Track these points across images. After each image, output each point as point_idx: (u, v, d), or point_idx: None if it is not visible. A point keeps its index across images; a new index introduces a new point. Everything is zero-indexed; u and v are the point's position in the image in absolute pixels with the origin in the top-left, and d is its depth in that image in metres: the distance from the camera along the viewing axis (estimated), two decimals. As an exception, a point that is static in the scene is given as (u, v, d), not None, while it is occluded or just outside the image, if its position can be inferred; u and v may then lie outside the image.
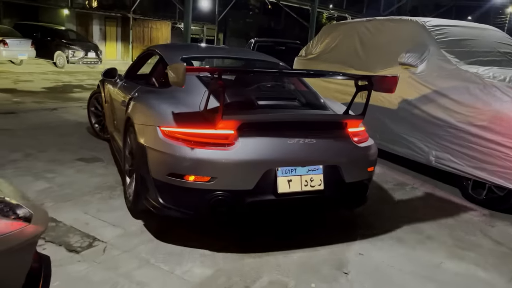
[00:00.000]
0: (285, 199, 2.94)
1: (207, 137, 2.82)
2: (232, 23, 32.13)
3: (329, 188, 3.05)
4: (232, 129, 2.82)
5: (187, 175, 2.78)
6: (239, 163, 2.79)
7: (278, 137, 2.92)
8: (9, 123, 6.32)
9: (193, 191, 2.81)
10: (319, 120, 3.25)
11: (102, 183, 4.12)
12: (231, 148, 2.80)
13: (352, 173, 3.15)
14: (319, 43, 7.12)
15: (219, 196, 2.79)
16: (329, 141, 3.13)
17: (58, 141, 5.46)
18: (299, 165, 2.95)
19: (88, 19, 21.14)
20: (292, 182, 2.93)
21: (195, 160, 2.75)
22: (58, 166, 4.50)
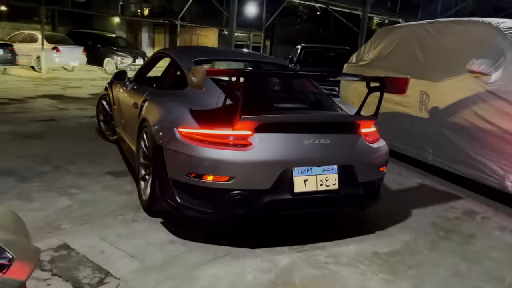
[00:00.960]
0: (301, 198, 2.99)
1: (225, 138, 2.87)
2: (280, 29, 31.74)
3: (343, 187, 3.09)
4: (250, 130, 2.86)
5: (205, 175, 2.83)
6: (257, 163, 2.84)
7: (294, 137, 2.98)
8: (46, 131, 6.17)
9: (211, 190, 2.87)
10: (334, 121, 3.34)
11: (127, 201, 3.74)
12: (248, 149, 2.85)
13: (365, 173, 3.20)
14: (372, 49, 6.50)
15: (238, 196, 2.84)
16: (344, 141, 3.19)
17: (91, 152, 5.20)
18: (315, 165, 3.01)
19: (137, 26, 21.51)
20: (308, 182, 2.97)
21: (213, 160, 2.80)
22: (85, 180, 4.19)
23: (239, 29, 23.74)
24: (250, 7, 23.44)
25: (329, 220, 3.70)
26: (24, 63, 15.90)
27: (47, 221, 3.24)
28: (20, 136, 5.76)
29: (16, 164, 4.52)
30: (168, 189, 3.03)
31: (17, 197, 3.67)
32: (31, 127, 6.34)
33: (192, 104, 3.20)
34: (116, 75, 4.98)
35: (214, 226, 3.37)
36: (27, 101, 9.30)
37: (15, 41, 16.23)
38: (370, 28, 23.22)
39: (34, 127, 6.41)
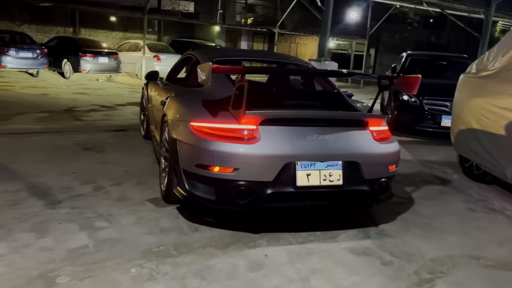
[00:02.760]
0: (304, 192, 3.12)
1: (231, 132, 3.05)
2: (386, 38, 29.62)
3: (348, 183, 3.19)
4: (255, 125, 3.04)
5: (212, 166, 3.01)
6: (260, 156, 2.99)
7: (298, 133, 3.12)
8: (110, 143, 5.75)
9: (217, 181, 3.05)
10: (339, 118, 3.39)
11: (156, 245, 2.95)
12: (253, 142, 3.01)
13: (372, 170, 3.27)
14: (499, 56, 4.99)
15: (241, 186, 3.01)
16: (349, 138, 3.27)
17: (144, 169, 4.57)
18: (318, 160, 3.12)
19: (237, 35, 21.45)
20: (311, 176, 3.09)
21: (219, 153, 2.99)
22: (120, 209, 3.52)
23: (340, 36, 22.49)
24: (353, 13, 22.03)
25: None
26: (129, 71, 16.57)
27: (46, 269, 2.56)
28: (81, 147, 5.39)
29: (57, 183, 4.03)
30: (180, 179, 3.25)
31: (33, 227, 3.09)
32: (97, 138, 5.99)
33: (206, 101, 3.42)
34: (148, 75, 5.08)
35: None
36: (116, 108, 9.27)
37: (122, 50, 17.02)
38: (492, 35, 20.35)
39: (101, 137, 6.06)
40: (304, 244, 3.16)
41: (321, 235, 3.32)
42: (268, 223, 3.45)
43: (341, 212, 3.81)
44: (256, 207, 3.12)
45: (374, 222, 3.67)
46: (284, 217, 3.57)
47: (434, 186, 4.92)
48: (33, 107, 8.45)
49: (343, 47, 25.53)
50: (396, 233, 3.48)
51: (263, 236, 3.23)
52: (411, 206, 4.19)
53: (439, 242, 3.40)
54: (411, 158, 6.23)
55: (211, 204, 3.17)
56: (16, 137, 5.67)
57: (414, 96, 7.68)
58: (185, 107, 3.56)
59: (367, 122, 3.35)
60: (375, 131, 3.36)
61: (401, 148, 3.67)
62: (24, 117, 7.47)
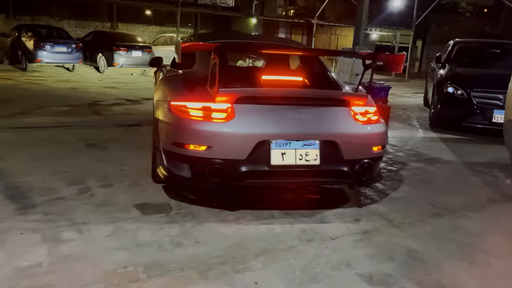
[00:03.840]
0: (279, 171, 3.11)
1: (205, 110, 3.07)
2: (434, 28, 27.88)
3: (326, 163, 3.15)
4: (229, 103, 3.04)
5: (187, 144, 3.05)
6: (232, 135, 3.02)
7: (273, 111, 3.12)
8: (117, 139, 5.33)
9: (192, 159, 3.08)
10: (317, 96, 3.34)
11: (124, 265, 2.44)
12: (226, 120, 3.03)
13: (352, 151, 3.21)
14: None
15: (215, 164, 3.02)
16: (328, 117, 3.22)
17: (143, 170, 4.07)
18: (294, 139, 3.09)
19: (274, 27, 20.82)
20: (286, 155, 3.07)
21: (193, 131, 3.04)
22: (99, 216, 3.05)
23: (383, 27, 21.33)
24: (396, 1, 20.71)
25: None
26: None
27: (-21, 294, 2.11)
28: (84, 143, 5.00)
29: (41, 183, 3.62)
30: (161, 158, 3.29)
31: (-9, 237, 2.67)
32: (106, 133, 5.60)
33: (191, 82, 3.46)
34: (151, 61, 4.94)
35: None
36: (140, 102, 8.94)
37: (157, 44, 16.81)
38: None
39: (110, 133, 5.67)
40: (308, 268, 2.55)
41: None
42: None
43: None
44: (230, 185, 3.11)
45: (401, 240, 2.99)
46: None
47: (482, 194, 4.13)
48: (57, 101, 8.26)
49: (387, 38, 24.23)
50: (427, 255, 2.78)
51: (258, 255, 2.64)
52: (451, 219, 3.45)
53: (484, 270, 2.67)
54: (455, 159, 5.40)
55: (188, 182, 3.20)
56: (20, 132, 5.38)
57: (461, 88, 6.78)
58: (168, 88, 3.64)
59: (348, 101, 3.27)
60: (356, 111, 3.28)
61: (444, 148, 3.08)
62: (44, 110, 7.24)
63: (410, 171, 4.73)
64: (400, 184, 4.26)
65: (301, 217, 3.26)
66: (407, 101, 11.10)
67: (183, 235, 2.86)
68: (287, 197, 3.72)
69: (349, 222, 3.24)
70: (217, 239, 2.84)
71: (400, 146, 5.90)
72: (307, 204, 3.57)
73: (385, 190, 4.04)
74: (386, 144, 3.50)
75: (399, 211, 3.53)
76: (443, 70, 7.72)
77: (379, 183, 4.20)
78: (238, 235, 2.91)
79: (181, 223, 3.04)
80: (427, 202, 3.78)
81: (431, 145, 6.16)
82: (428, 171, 4.77)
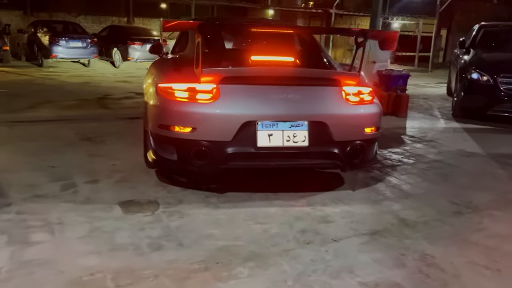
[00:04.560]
0: (265, 153, 3.01)
1: (191, 91, 2.99)
2: (460, 16, 26.80)
3: (314, 145, 3.04)
4: (214, 83, 2.95)
5: (172, 126, 2.99)
6: (217, 116, 2.94)
7: (260, 91, 3.03)
8: (116, 132, 5.07)
9: (178, 141, 3.02)
10: (306, 76, 3.24)
11: (92, 271, 2.15)
12: (210, 101, 2.95)
13: (342, 132, 3.11)
14: None
15: (200, 146, 2.94)
16: (316, 97, 3.13)
17: (136, 164, 3.78)
18: (281, 120, 3.00)
19: (292, 17, 20.37)
20: (272, 137, 2.98)
21: (178, 112, 2.98)
22: (76, 216, 2.78)
23: (405, 15, 20.56)
24: (419, -13, 19.87)
25: None
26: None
27: None
28: (80, 137, 4.75)
29: (24, 179, 3.38)
30: (149, 142, 3.25)
31: (-48, 239, 2.42)
32: (107, 126, 5.35)
33: (181, 65, 3.44)
34: (151, 48, 4.71)
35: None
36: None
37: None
38: None
39: (111, 126, 5.43)
40: (303, 276, 2.21)
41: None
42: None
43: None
44: (216, 167, 3.03)
45: (415, 243, 2.61)
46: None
47: (510, 190, 3.69)
48: (67, 95, 8.11)
49: (409, 28, 23.37)
50: (445, 261, 2.40)
51: (247, 260, 2.32)
52: (474, 218, 3.05)
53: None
54: (480, 151, 4.93)
55: (174, 165, 3.18)
56: (16, 126, 5.18)
57: (487, 74, 6.26)
58: (157, 71, 3.55)
59: (339, 81, 3.16)
60: (348, 91, 3.17)
61: (467, 138, 2.67)
62: (52, 105, 7.07)
63: (429, 164, 4.31)
64: (417, 178, 3.85)
65: (301, 216, 2.92)
66: (429, 91, 10.54)
67: (165, 236, 2.56)
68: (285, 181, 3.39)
69: (356, 222, 2.88)
70: (203, 241, 2.53)
71: (419, 137, 5.45)
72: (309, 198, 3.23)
73: (399, 185, 3.65)
74: (380, 125, 3.35)
75: (414, 209, 3.14)
76: (467, 55, 7.19)
77: (393, 177, 3.82)
78: (228, 237, 2.60)
79: (166, 222, 2.74)
80: (447, 198, 3.38)
81: (453, 136, 5.69)
82: (449, 164, 4.34)
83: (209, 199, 3.13)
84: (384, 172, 3.98)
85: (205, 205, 3.04)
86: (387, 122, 6.31)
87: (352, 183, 3.60)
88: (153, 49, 4.70)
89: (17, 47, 14.91)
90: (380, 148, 4.68)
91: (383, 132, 5.60)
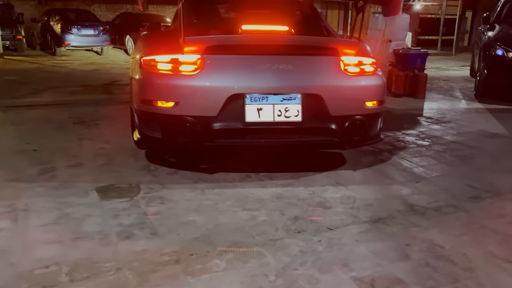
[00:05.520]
0: (254, 128, 2.77)
1: (174, 62, 2.75)
2: (486, -4, 25.66)
3: (309, 120, 2.78)
4: (199, 53, 2.71)
5: (155, 101, 2.76)
6: (200, 88, 2.71)
7: (247, 62, 2.78)
8: (112, 116, 4.83)
9: (161, 116, 2.78)
10: (299, 44, 2.94)
11: (47, 263, 1.89)
12: (195, 73, 2.71)
13: (340, 106, 2.83)
14: None
15: (183, 122, 2.71)
16: (311, 68, 2.86)
17: (126, 148, 3.52)
18: (271, 93, 2.73)
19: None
20: (262, 111, 2.73)
21: (159, 86, 2.76)
22: (46, 201, 2.53)
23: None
24: (441, -35, 18.94)
25: None
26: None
27: None
28: (74, 121, 4.52)
29: (3, 163, 3.16)
30: (134, 120, 3.03)
31: None
32: (104, 110, 5.11)
33: (167, 35, 3.41)
34: (149, 27, 4.54)
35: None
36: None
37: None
38: None
39: (108, 110, 5.19)
40: (288, 270, 1.91)
41: (323, 254, 2.02)
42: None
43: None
44: (201, 144, 2.79)
45: (423, 232, 2.27)
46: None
47: (537, 173, 3.29)
48: (73, 82, 7.95)
49: (431, 10, 22.46)
50: (457, 253, 2.06)
51: (226, 252, 2.03)
52: (494, 203, 2.68)
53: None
54: (505, 131, 4.50)
55: (158, 143, 2.96)
56: (10, 111, 4.98)
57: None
58: (143, 44, 3.21)
59: (336, 50, 2.87)
60: (346, 61, 2.88)
61: (490, 119, 2.32)
62: (55, 90, 6.91)
63: (446, 146, 3.92)
64: (432, 160, 3.48)
65: (295, 202, 2.61)
66: (451, 74, 9.97)
67: (139, 224, 2.29)
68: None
69: (357, 208, 2.55)
70: (181, 229, 2.25)
71: (437, 118, 5.03)
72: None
73: (411, 168, 3.29)
74: (384, 99, 3.06)
75: (425, 194, 2.79)
76: (492, 31, 6.66)
77: (405, 159, 3.46)
78: (210, 224, 2.31)
79: (143, 209, 2.47)
80: (464, 182, 3.01)
81: (475, 116, 5.24)
82: (469, 146, 3.94)
83: (197, 185, 2.85)
84: (395, 154, 3.62)
85: (191, 190, 2.76)
86: (403, 104, 5.91)
87: (357, 165, 3.26)
88: (151, 28, 4.48)
89: (31, 37, 14.90)
90: (392, 129, 4.31)
91: (396, 113, 5.27)
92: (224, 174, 3.03)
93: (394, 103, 5.68)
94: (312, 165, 3.25)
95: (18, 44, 13.42)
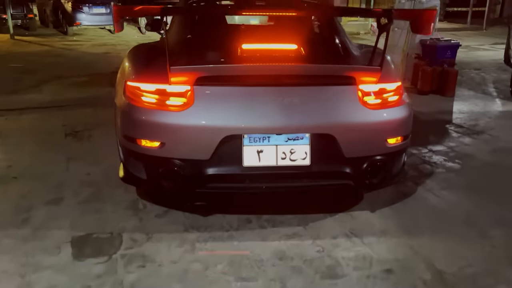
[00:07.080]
0: (254, 174, 2.39)
1: (160, 94, 2.36)
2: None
3: (318, 163, 2.39)
4: (189, 84, 2.33)
5: (138, 139, 2.40)
6: (189, 128, 2.32)
7: (247, 95, 2.37)
8: (112, 120, 4.45)
9: (145, 157, 2.43)
10: (307, 73, 2.46)
11: None
12: (182, 109, 2.32)
13: (356, 147, 2.41)
14: None
15: (170, 165, 2.36)
16: (321, 100, 2.40)
17: (116, 171, 3.16)
18: (274, 133, 2.35)
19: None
20: (263, 154, 2.36)
21: (142, 122, 2.37)
22: (10, 263, 2.18)
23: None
24: None
25: None
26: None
27: None
28: (66, 132, 4.16)
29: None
30: (119, 153, 2.67)
31: None
32: (102, 113, 4.71)
33: (159, 52, 2.55)
34: (147, 25, 4.04)
35: None
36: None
37: None
38: None
39: (105, 113, 4.77)
40: None
41: None
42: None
43: None
44: (192, 189, 2.45)
45: None
46: None
47: None
48: (80, 69, 7.66)
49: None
50: None
51: None
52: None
53: None
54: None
55: (144, 184, 2.65)
56: (2, 116, 4.65)
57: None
58: (130, 62, 2.73)
59: (353, 78, 2.41)
60: (365, 90, 2.44)
61: None
62: (59, 82, 6.63)
63: (479, 170, 3.42)
64: (462, 196, 3.00)
65: (301, 265, 2.20)
66: (483, 56, 9.21)
67: None
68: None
69: (375, 278, 2.12)
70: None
71: (468, 127, 4.49)
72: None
73: (439, 207, 2.83)
74: (410, 131, 2.62)
75: (456, 253, 2.33)
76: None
77: (432, 193, 3.00)
78: (195, 303, 1.93)
79: (120, 275, 2.10)
80: (505, 231, 2.54)
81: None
82: (507, 168, 3.43)
83: (187, 234, 2.47)
84: (420, 184, 3.15)
85: (179, 244, 2.37)
86: (429, 104, 5.35)
87: (375, 203, 2.82)
88: (151, 26, 3.99)
89: (44, 14, 14.59)
90: (417, 144, 3.81)
91: (422, 119, 4.74)
92: (220, 217, 2.64)
93: (419, 104, 5.12)
94: (323, 204, 2.82)
95: (30, 23, 13.14)
